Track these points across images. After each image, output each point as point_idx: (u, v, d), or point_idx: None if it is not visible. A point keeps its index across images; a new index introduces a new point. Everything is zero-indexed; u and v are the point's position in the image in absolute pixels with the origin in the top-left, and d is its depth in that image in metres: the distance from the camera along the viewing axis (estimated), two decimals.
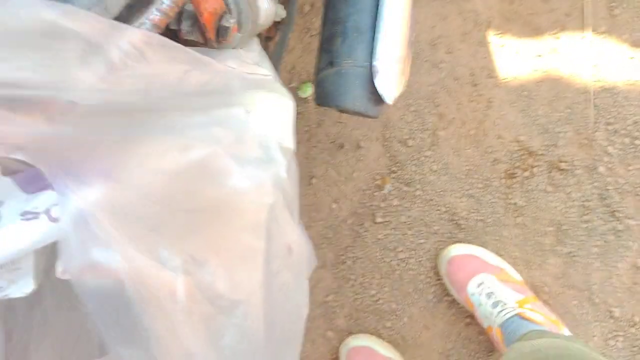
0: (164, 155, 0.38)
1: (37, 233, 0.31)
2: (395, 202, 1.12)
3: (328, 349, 1.15)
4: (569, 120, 1.04)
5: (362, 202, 1.14)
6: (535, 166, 1.05)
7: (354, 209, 1.14)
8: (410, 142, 1.12)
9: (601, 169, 1.02)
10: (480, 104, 1.08)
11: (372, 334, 1.15)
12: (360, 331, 1.15)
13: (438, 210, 1.10)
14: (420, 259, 1.12)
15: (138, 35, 0.34)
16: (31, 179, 0.34)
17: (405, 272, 1.13)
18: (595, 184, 1.03)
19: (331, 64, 0.73)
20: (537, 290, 1.07)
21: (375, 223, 1.13)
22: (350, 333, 1.14)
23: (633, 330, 1.02)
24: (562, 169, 1.04)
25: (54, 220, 0.31)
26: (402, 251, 1.12)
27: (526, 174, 1.06)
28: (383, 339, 1.15)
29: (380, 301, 1.14)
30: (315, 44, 1.18)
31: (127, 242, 0.32)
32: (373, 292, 1.14)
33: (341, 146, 1.15)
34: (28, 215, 0.31)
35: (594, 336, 1.04)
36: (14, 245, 0.30)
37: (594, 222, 1.03)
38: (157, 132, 0.38)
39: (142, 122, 0.37)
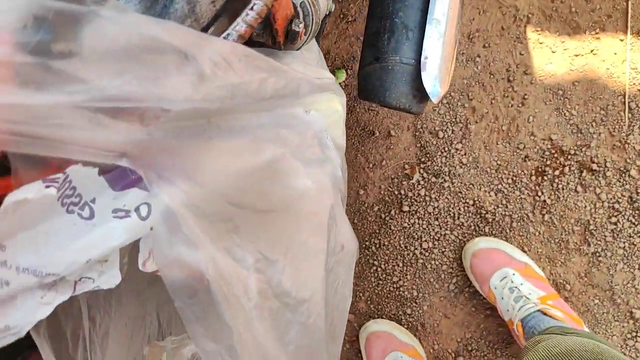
0: (239, 156, 0.40)
1: (129, 231, 0.32)
2: (423, 192, 1.13)
3: (348, 331, 1.18)
4: (603, 122, 1.04)
5: (389, 189, 1.15)
6: (566, 165, 1.06)
7: (381, 196, 1.16)
8: (441, 134, 1.12)
9: (633, 172, 1.03)
10: (514, 100, 1.08)
11: (392, 319, 1.18)
12: (381, 316, 1.18)
13: (465, 203, 1.12)
14: (443, 250, 1.14)
15: (227, 47, 0.35)
16: (119, 178, 0.36)
17: (428, 261, 1.15)
18: (626, 186, 1.03)
19: (377, 59, 0.74)
20: (559, 287, 1.09)
21: (402, 211, 1.15)
22: (371, 317, 1.17)
23: None
24: (593, 170, 1.05)
25: (144, 218, 0.33)
26: (426, 241, 1.14)
27: (556, 172, 1.06)
28: (402, 325, 1.17)
29: (402, 288, 1.16)
30: (350, 30, 1.18)
31: (209, 241, 0.34)
32: (395, 279, 1.16)
33: (372, 133, 1.16)
34: (120, 213, 0.33)
35: (613, 335, 1.06)
36: (109, 242, 0.32)
37: (621, 224, 1.04)
38: (232, 133, 0.40)
39: (218, 125, 0.39)
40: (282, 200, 0.42)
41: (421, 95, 0.74)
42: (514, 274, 1.05)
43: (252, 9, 0.37)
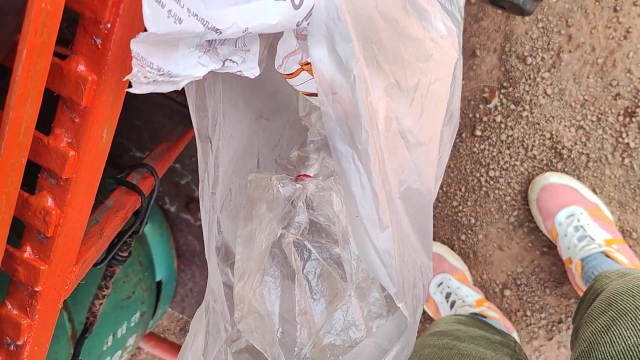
0: None
1: (283, 14, 0.30)
2: (499, 118, 1.09)
3: None
4: None
5: (464, 112, 1.11)
6: None
7: None
8: (530, 60, 1.07)
9: None
10: (616, 32, 1.01)
11: (444, 243, 1.16)
12: (434, 239, 1.16)
13: (542, 135, 1.07)
14: (510, 181, 1.11)
15: None
16: None
17: (492, 190, 1.12)
18: None
19: None
20: (624, 234, 1.05)
21: (473, 135, 1.11)
22: None
23: None
24: None
25: (296, 7, 0.31)
26: (494, 169, 1.11)
27: None
28: (454, 250, 1.16)
29: (460, 214, 1.14)
30: None
31: (358, 46, 0.32)
32: (455, 203, 1.14)
33: None
34: None
35: None
36: (266, 19, 0.30)
37: None
38: None
39: None
40: (420, 32, 0.39)
41: None
42: (581, 213, 1.02)
43: None
